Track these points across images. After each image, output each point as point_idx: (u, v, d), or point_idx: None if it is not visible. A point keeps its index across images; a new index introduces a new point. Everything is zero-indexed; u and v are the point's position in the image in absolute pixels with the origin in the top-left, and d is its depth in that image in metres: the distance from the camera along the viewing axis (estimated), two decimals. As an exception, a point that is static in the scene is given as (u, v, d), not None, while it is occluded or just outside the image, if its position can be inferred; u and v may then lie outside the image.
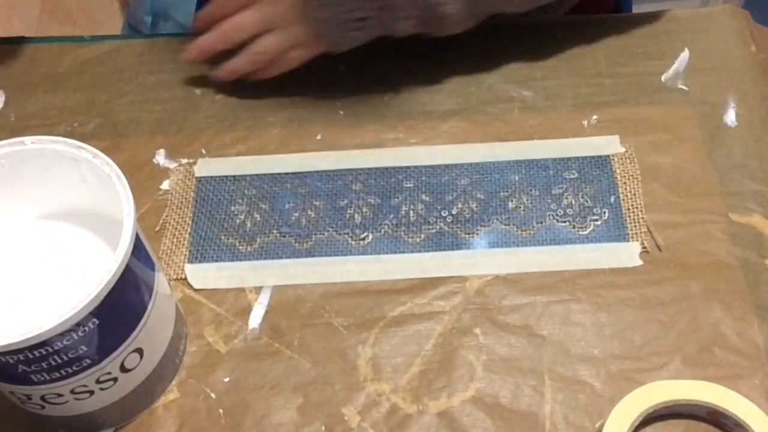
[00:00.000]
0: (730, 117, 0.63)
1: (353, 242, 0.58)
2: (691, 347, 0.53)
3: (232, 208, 0.60)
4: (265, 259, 0.57)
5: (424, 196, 0.60)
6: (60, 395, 0.46)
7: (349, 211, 0.59)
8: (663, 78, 0.65)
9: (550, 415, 0.51)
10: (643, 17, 0.68)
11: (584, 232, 0.58)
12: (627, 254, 0.57)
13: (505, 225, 0.58)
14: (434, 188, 0.60)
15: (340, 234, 0.58)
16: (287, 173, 0.61)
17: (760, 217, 0.58)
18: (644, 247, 0.57)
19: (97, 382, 0.46)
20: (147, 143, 0.63)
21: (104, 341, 0.44)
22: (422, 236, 0.58)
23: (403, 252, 0.57)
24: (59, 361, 0.43)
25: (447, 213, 0.59)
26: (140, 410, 0.51)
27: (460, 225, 0.58)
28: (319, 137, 0.63)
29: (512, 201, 0.59)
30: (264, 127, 0.64)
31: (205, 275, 0.57)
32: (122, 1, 0.98)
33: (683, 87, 0.65)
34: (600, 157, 0.61)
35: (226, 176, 0.61)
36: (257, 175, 0.61)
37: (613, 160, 0.61)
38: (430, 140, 0.63)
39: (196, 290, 0.56)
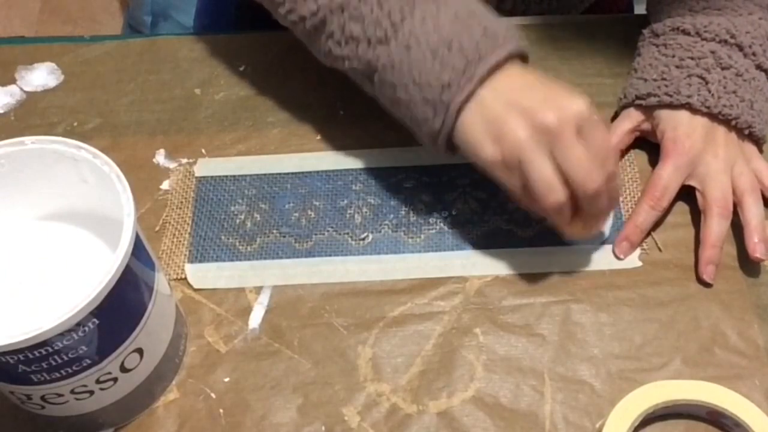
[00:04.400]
0: (730, 117, 0.63)
1: (353, 242, 0.58)
2: (691, 347, 0.53)
3: (232, 208, 0.60)
4: (265, 259, 0.57)
5: (423, 196, 0.60)
6: (60, 395, 0.46)
7: (349, 211, 0.59)
8: (663, 78, 0.65)
9: (550, 415, 0.51)
10: (643, 17, 0.68)
11: (584, 232, 0.58)
12: (627, 254, 0.57)
13: (506, 225, 0.58)
14: (434, 188, 0.60)
15: (340, 234, 0.58)
16: (287, 173, 0.61)
17: (760, 217, 0.58)
18: (644, 248, 0.57)
19: (97, 382, 0.46)
20: (147, 143, 0.63)
21: (104, 341, 0.44)
22: (422, 236, 0.58)
23: (403, 252, 0.57)
24: (59, 361, 0.43)
25: (447, 213, 0.59)
26: (140, 410, 0.51)
27: (460, 225, 0.58)
28: (319, 137, 0.63)
29: (512, 201, 0.59)
30: (264, 127, 0.64)
31: (205, 275, 0.57)
32: (122, 1, 0.98)
33: (683, 87, 0.65)
34: (600, 157, 0.61)
35: (226, 176, 0.61)
36: (257, 175, 0.61)
37: (613, 160, 0.61)
38: (430, 140, 0.63)
39: (196, 290, 0.56)
